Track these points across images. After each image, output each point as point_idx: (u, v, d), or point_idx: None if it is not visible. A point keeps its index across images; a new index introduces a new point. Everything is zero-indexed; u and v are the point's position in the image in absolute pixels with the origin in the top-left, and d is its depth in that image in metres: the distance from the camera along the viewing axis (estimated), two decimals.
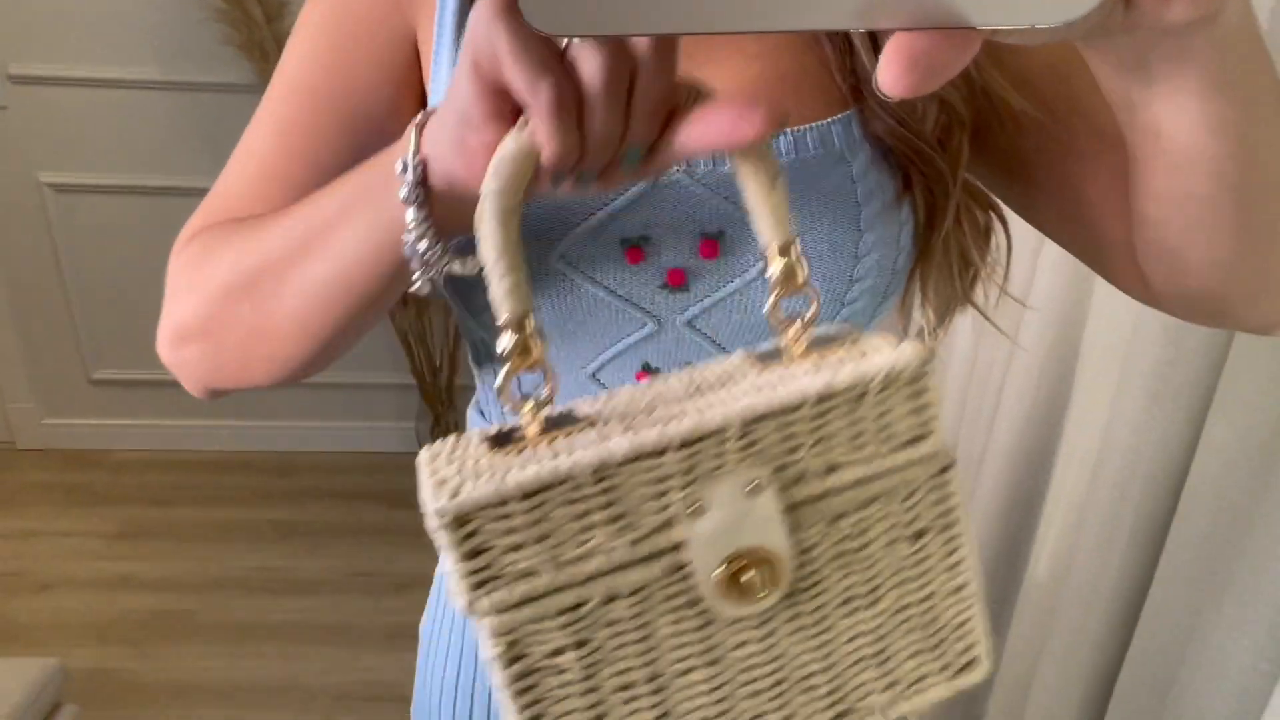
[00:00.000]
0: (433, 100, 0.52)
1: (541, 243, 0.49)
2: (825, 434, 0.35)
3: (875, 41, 0.47)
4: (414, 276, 0.41)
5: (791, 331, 0.36)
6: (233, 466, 2.48)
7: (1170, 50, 0.30)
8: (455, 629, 0.63)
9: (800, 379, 0.35)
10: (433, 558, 0.46)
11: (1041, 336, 1.27)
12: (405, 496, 2.38)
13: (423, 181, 0.38)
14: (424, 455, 0.36)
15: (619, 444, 0.33)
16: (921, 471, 0.37)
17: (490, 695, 0.61)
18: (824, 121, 0.48)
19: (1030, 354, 1.29)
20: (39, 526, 2.25)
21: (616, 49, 0.30)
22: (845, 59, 0.48)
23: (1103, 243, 0.49)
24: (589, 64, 0.30)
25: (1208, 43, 0.30)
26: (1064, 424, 1.28)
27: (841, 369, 0.35)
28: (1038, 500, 1.36)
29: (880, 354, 0.35)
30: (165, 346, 0.51)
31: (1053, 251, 1.25)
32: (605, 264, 0.50)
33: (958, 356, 1.51)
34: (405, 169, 0.38)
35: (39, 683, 1.30)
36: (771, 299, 0.35)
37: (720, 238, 0.49)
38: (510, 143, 0.33)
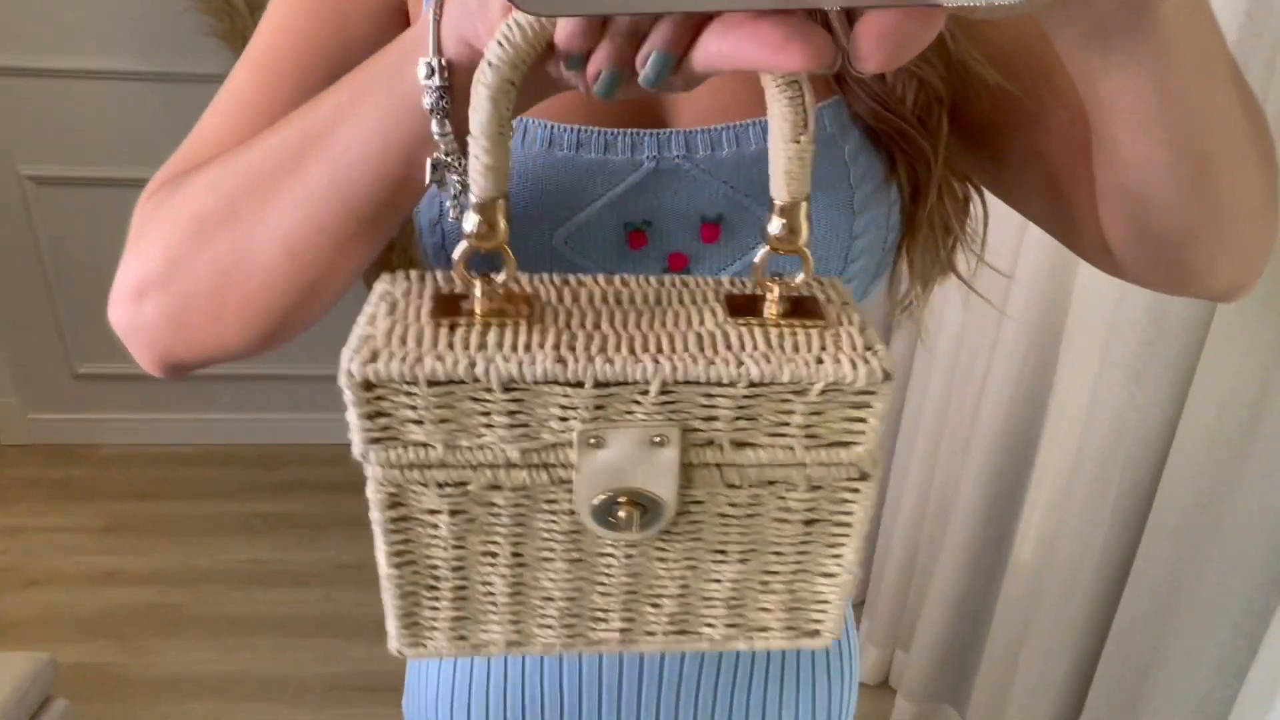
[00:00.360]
0: None
1: (545, 226, 0.49)
2: (747, 414, 0.35)
3: (850, 21, 0.49)
4: (431, 184, 0.39)
5: (774, 292, 0.35)
6: (220, 459, 2.47)
7: (1125, 21, 0.31)
8: None
9: (747, 353, 0.34)
10: None
11: (1025, 319, 1.28)
12: None
13: (447, 86, 0.36)
14: (379, 284, 0.36)
15: (539, 365, 0.33)
16: (835, 473, 0.37)
17: (486, 683, 0.61)
18: (815, 106, 0.51)
19: (1015, 337, 1.29)
20: (26, 522, 2.24)
21: None
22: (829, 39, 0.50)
23: (1071, 215, 0.50)
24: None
25: (1161, 12, 0.31)
26: (1048, 405, 1.29)
27: (790, 362, 0.33)
28: (1022, 482, 1.37)
29: (841, 357, 0.34)
30: (121, 305, 0.45)
31: (1036, 236, 1.27)
32: (608, 248, 0.50)
33: (945, 340, 1.52)
34: (432, 72, 0.36)
35: (29, 676, 1.29)
36: (760, 254, 0.34)
37: (720, 221, 0.50)
38: (518, 17, 0.31)
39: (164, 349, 0.45)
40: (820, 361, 0.34)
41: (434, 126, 0.37)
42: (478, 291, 0.34)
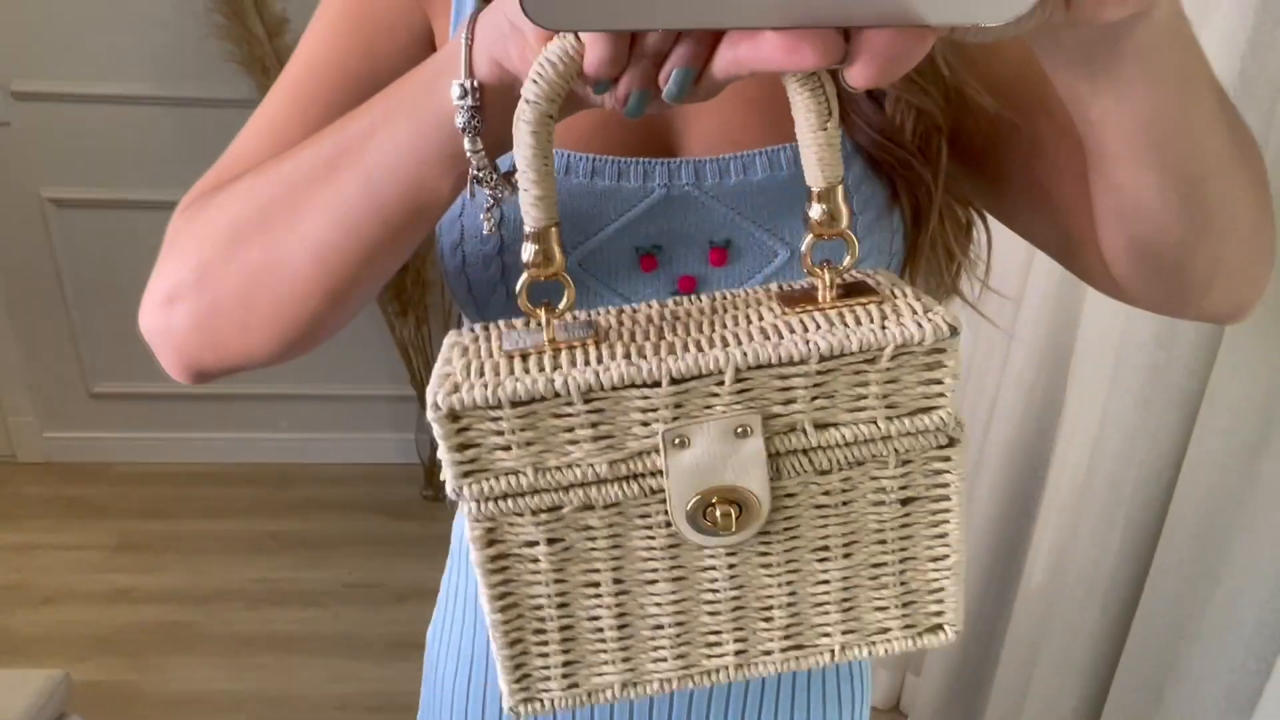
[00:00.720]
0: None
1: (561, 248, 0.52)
2: (824, 391, 0.35)
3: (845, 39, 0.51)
4: (473, 199, 0.39)
5: (825, 276, 0.36)
6: (233, 478, 2.49)
7: (1110, 45, 0.33)
8: (464, 633, 0.63)
9: (811, 333, 0.34)
10: (434, 568, 0.47)
11: (1034, 343, 1.28)
12: (406, 507, 2.38)
13: (479, 106, 0.37)
14: (449, 338, 0.38)
15: (613, 370, 0.33)
16: (922, 442, 0.36)
17: (500, 706, 0.61)
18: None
19: (1024, 361, 1.30)
20: (40, 540, 2.26)
21: None
22: (831, 74, 0.52)
23: (1071, 239, 0.50)
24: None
25: (1144, 36, 0.32)
26: (1057, 429, 1.29)
27: (856, 332, 0.34)
28: (1033, 506, 1.37)
29: (904, 320, 0.34)
30: (151, 312, 0.46)
31: (1043, 260, 1.27)
32: (621, 271, 0.52)
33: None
34: (465, 93, 0.37)
35: (44, 693, 1.30)
36: (807, 241, 0.35)
37: (728, 246, 0.51)
38: (554, 45, 0.32)
39: (191, 355, 0.46)
40: (885, 328, 0.34)
41: (466, 144, 0.38)
42: (543, 319, 0.35)
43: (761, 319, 0.36)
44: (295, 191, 0.43)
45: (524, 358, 0.35)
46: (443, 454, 0.35)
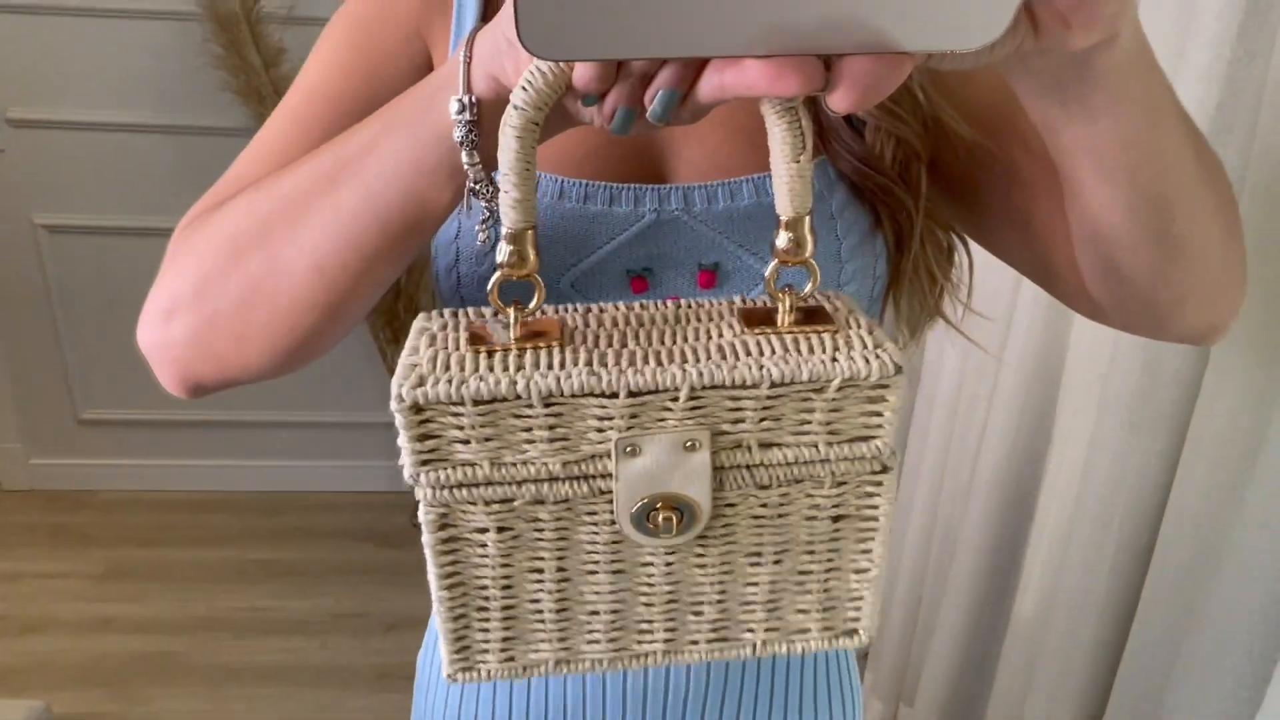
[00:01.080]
0: None
1: (553, 270, 0.52)
2: (772, 414, 0.36)
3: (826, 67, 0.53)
4: (470, 213, 0.41)
5: (786, 301, 0.37)
6: (219, 506, 2.46)
7: (1079, 71, 0.34)
8: None
9: (766, 358, 0.36)
10: (424, 597, 0.47)
11: (1022, 367, 1.28)
12: (393, 536, 2.35)
13: (476, 120, 0.38)
14: (418, 322, 0.38)
15: (574, 379, 0.34)
16: (858, 467, 0.38)
17: None
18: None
19: (1013, 385, 1.30)
20: (24, 568, 2.22)
21: None
22: (811, 104, 0.50)
23: (1049, 263, 0.51)
24: None
25: (1111, 62, 0.34)
26: (1047, 454, 1.30)
27: (807, 362, 0.35)
28: (1023, 533, 1.37)
29: (854, 354, 0.36)
30: (149, 325, 0.46)
31: (1032, 284, 1.26)
32: (612, 292, 0.53)
33: (944, 388, 1.52)
34: (463, 109, 0.38)
35: None
36: (771, 266, 0.36)
37: (716, 269, 0.52)
38: (543, 63, 0.33)
39: (189, 368, 0.46)
40: (835, 360, 0.36)
41: (464, 157, 0.39)
42: (511, 318, 0.36)
43: (720, 335, 0.37)
44: (295, 204, 0.43)
45: (490, 354, 0.36)
46: (402, 441, 0.36)
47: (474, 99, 0.38)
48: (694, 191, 0.52)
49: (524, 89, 0.33)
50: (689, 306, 0.40)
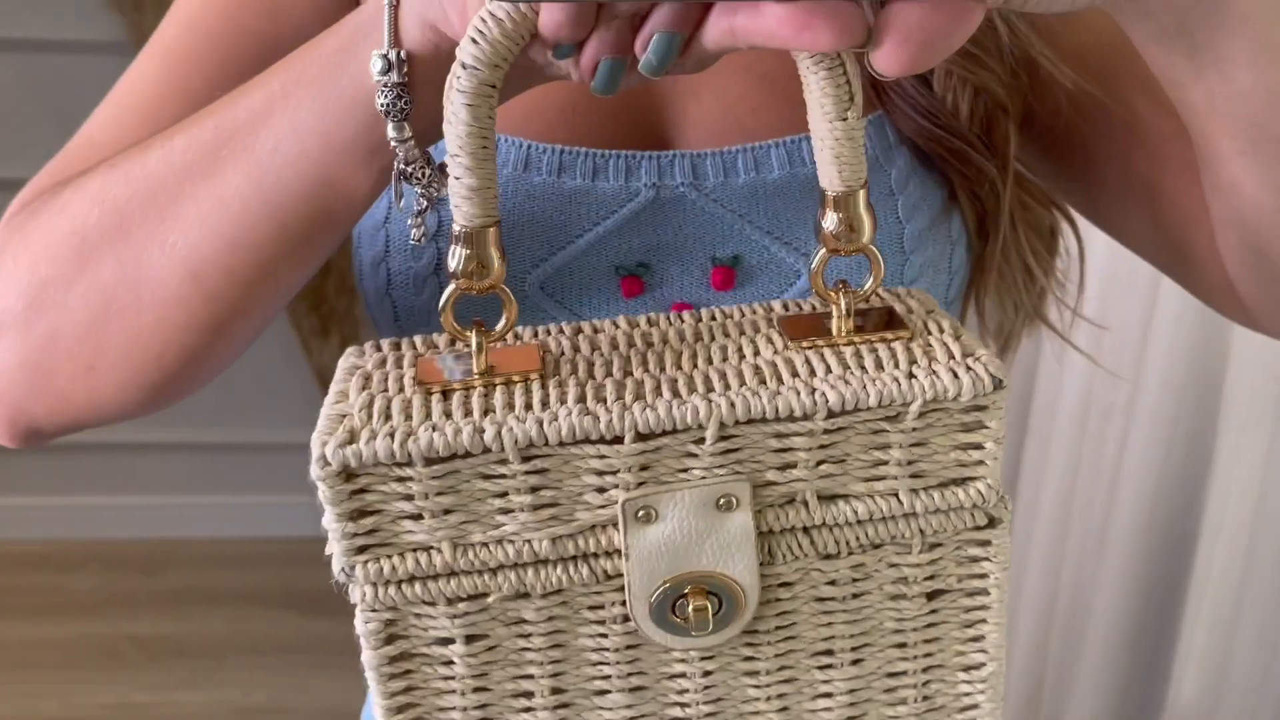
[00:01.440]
0: None
1: (517, 267, 0.47)
2: (833, 455, 0.34)
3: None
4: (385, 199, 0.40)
5: (841, 304, 0.35)
6: (76, 561, 2.14)
7: (1208, 15, 0.32)
8: None
9: (820, 379, 0.33)
10: (360, 686, 0.41)
11: (1170, 381, 1.20)
12: (323, 599, 2.09)
13: (406, 83, 0.35)
14: (346, 360, 0.36)
15: (562, 420, 0.31)
16: (956, 522, 0.35)
17: None
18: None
19: (1157, 402, 1.22)
20: None
21: None
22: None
23: (1185, 249, 0.48)
24: None
25: (1249, 3, 0.32)
26: (1207, 491, 1.22)
27: (875, 380, 0.33)
28: (1178, 593, 1.27)
29: (937, 367, 0.33)
30: None
31: None
32: (596, 296, 0.48)
33: (1065, 406, 1.42)
34: (389, 67, 0.35)
35: None
36: (818, 258, 0.34)
37: (736, 264, 0.48)
38: (498, 6, 0.31)
39: (17, 405, 0.43)
40: (913, 376, 0.33)
41: (391, 131, 0.36)
42: (473, 345, 0.33)
43: (757, 353, 0.35)
44: (163, 190, 0.40)
45: (445, 395, 0.33)
46: (329, 522, 0.33)
47: (403, 54, 0.35)
48: (706, 160, 0.48)
49: (475, 40, 0.31)
50: (712, 318, 0.37)
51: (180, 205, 0.39)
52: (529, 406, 0.32)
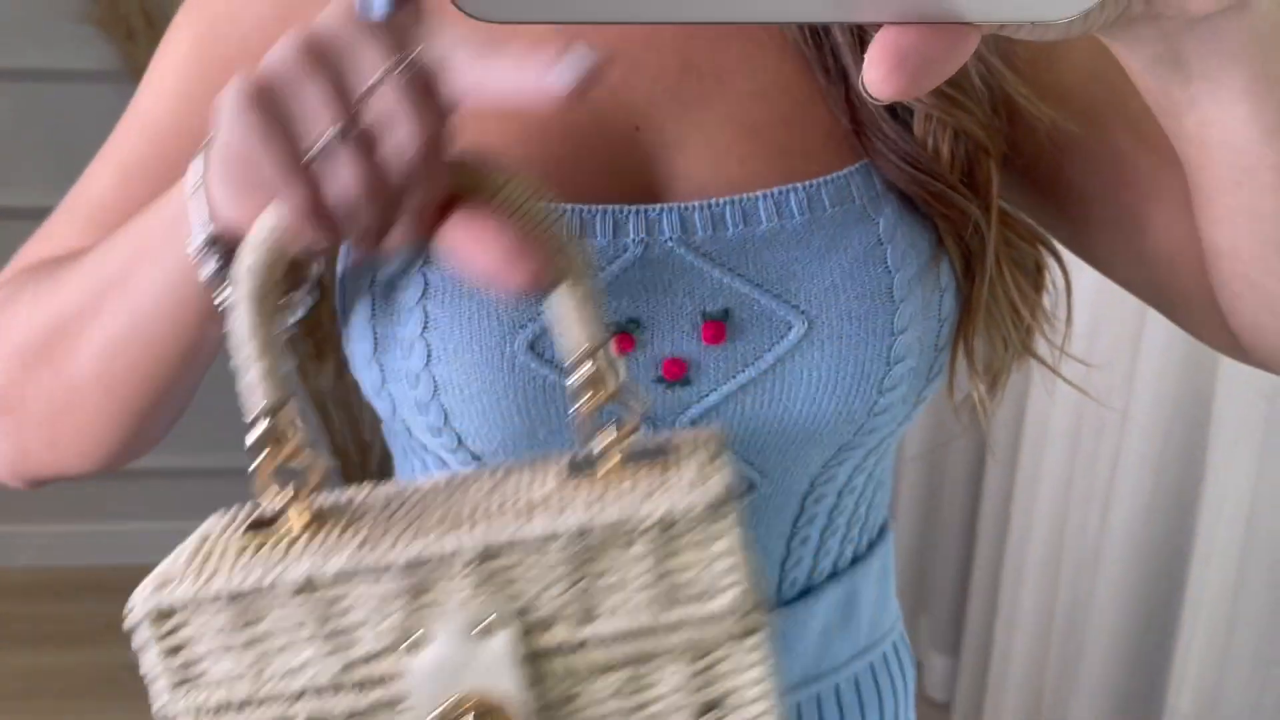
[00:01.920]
0: None
1: (501, 330, 0.47)
2: (586, 574, 0.36)
3: (862, 45, 0.49)
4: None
5: (604, 442, 0.37)
6: (76, 590, 2.06)
7: (1204, 42, 0.31)
8: None
9: (570, 507, 0.36)
10: None
11: (1159, 406, 1.22)
12: None
13: (229, 257, 0.38)
14: (206, 524, 0.39)
15: (337, 558, 0.35)
16: (717, 631, 0.37)
17: None
18: (840, 173, 0.48)
19: (1150, 415, 1.24)
20: None
21: (376, 164, 0.33)
22: (842, 90, 0.48)
23: (1173, 284, 0.49)
24: (345, 171, 0.32)
25: (1244, 32, 0.31)
26: (1198, 511, 1.23)
27: (615, 504, 0.35)
28: (1173, 609, 1.29)
29: (676, 487, 0.35)
30: None
31: None
32: None
33: (1057, 423, 1.44)
34: (203, 249, 0.38)
35: None
36: (576, 406, 0.37)
37: (726, 318, 0.48)
38: (268, 218, 0.34)
39: (15, 468, 0.50)
40: (650, 495, 0.35)
41: (220, 298, 0.39)
42: (288, 502, 0.36)
43: (531, 493, 0.37)
44: (70, 323, 0.45)
45: (261, 545, 0.36)
46: (149, 661, 0.36)
47: (215, 235, 0.37)
48: (694, 213, 0.47)
49: (249, 250, 0.35)
50: (515, 467, 0.40)
51: (83, 333, 0.44)
52: (321, 547, 0.35)
